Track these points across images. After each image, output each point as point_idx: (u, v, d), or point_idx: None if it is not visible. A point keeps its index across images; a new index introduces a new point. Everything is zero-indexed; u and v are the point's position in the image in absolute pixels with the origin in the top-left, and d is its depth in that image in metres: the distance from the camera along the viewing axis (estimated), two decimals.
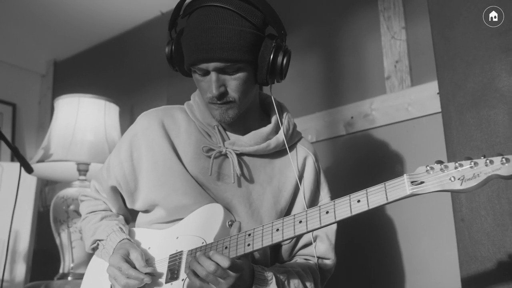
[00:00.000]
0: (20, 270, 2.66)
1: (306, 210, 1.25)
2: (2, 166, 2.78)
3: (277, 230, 1.27)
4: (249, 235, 1.31)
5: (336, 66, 2.48)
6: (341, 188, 1.33)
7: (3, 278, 2.21)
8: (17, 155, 2.10)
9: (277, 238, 1.27)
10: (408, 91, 2.20)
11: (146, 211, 1.59)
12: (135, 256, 1.42)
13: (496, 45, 1.88)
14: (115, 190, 1.62)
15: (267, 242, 1.27)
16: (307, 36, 2.60)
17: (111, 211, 1.66)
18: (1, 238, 2.61)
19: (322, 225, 1.22)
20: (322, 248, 1.56)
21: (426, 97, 2.14)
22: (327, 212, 1.21)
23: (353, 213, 1.18)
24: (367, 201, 1.17)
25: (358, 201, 1.18)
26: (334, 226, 1.59)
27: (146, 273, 1.38)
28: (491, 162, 1.08)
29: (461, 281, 1.81)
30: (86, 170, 2.48)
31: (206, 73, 1.42)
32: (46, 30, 3.58)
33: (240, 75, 1.42)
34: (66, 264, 2.42)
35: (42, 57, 3.94)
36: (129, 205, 1.62)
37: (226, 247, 1.33)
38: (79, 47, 3.77)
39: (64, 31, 3.57)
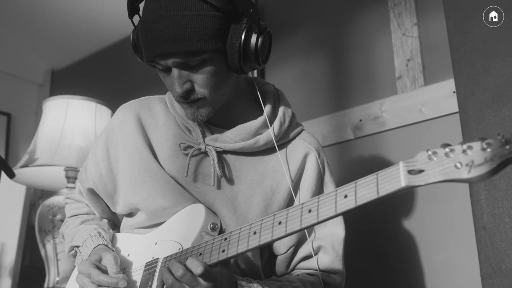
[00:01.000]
0: (5, 285, 2.50)
1: (288, 209, 1.04)
2: None
3: (255, 233, 1.07)
4: (225, 239, 1.12)
5: (344, 67, 2.33)
6: None
7: None
8: None
9: (253, 243, 1.06)
10: (421, 91, 2.03)
11: (129, 215, 1.42)
12: (107, 260, 1.23)
13: None
14: (93, 193, 1.45)
15: (243, 247, 1.07)
16: (312, 35, 2.46)
17: (94, 214, 1.49)
18: None
19: (303, 226, 1.00)
20: (327, 261, 1.37)
21: (441, 97, 1.97)
22: (309, 211, 1.00)
23: (338, 211, 0.97)
24: (355, 196, 0.95)
25: (345, 196, 0.97)
26: (341, 234, 1.39)
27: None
28: (508, 141, 0.83)
29: None
30: (75, 177, 2.32)
31: (167, 69, 1.24)
32: (43, 39, 3.48)
33: (206, 68, 1.22)
34: (51, 278, 2.25)
35: (39, 66, 3.83)
36: (112, 209, 1.45)
37: (200, 254, 1.14)
38: (77, 55, 3.66)
39: (62, 40, 3.47)
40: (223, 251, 1.09)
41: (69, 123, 2.29)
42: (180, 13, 1.16)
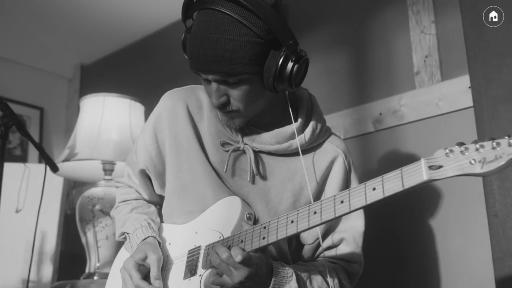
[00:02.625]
0: (47, 271, 2.66)
1: (321, 201, 1.19)
2: (29, 168, 2.80)
3: (292, 222, 1.22)
4: (264, 228, 1.26)
5: (364, 62, 2.45)
6: None
7: (29, 278, 2.21)
8: (43, 154, 2.10)
9: (291, 230, 1.21)
10: (438, 86, 2.15)
11: (168, 200, 1.56)
12: (151, 261, 1.38)
13: None
14: (144, 174, 1.60)
15: (282, 234, 1.22)
16: (334, 32, 2.58)
17: (143, 199, 1.64)
18: (29, 239, 2.62)
19: (337, 215, 1.15)
20: (347, 250, 1.51)
21: (457, 92, 2.09)
22: (341, 202, 1.15)
23: (368, 202, 1.11)
24: (383, 189, 1.10)
25: (374, 189, 1.11)
26: (361, 228, 1.53)
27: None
28: None
29: (495, 280, 1.76)
30: (112, 170, 2.48)
31: (207, 81, 1.37)
32: (72, 35, 3.64)
33: (243, 86, 1.34)
34: (92, 264, 2.42)
35: (69, 61, 3.99)
36: (158, 191, 1.60)
37: (242, 241, 1.29)
38: (105, 51, 3.81)
39: (90, 35, 3.62)
40: (264, 238, 1.24)
41: (106, 119, 2.44)
42: (224, 37, 1.28)
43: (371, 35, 2.44)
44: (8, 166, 2.10)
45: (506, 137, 1.01)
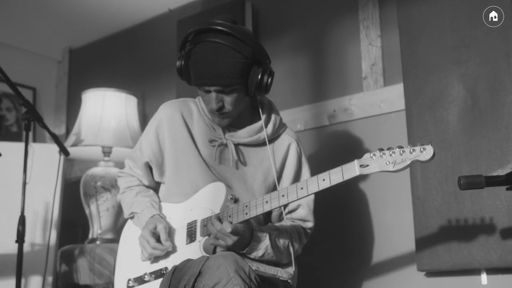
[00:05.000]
0: (53, 236, 3.09)
1: (287, 188, 1.71)
2: (33, 148, 3.18)
3: (267, 202, 1.74)
4: (246, 206, 1.78)
5: (322, 66, 2.87)
6: (324, 169, 1.71)
7: (49, 244, 2.60)
8: (57, 141, 2.53)
9: (266, 208, 1.74)
10: (381, 90, 2.59)
11: (167, 185, 2.03)
12: (160, 228, 1.87)
13: (450, 58, 2.29)
14: (147, 166, 2.07)
15: (260, 211, 1.75)
16: (298, 39, 2.99)
17: (143, 185, 2.10)
18: (35, 208, 3.04)
19: (299, 197, 1.69)
20: (303, 213, 2.02)
21: (395, 96, 2.53)
22: (301, 188, 1.68)
23: (320, 189, 1.64)
24: (330, 180, 1.62)
25: (324, 179, 1.64)
26: (312, 196, 2.02)
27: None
28: (414, 150, 1.53)
29: (415, 244, 2.26)
30: (110, 153, 2.94)
31: (208, 91, 1.87)
32: (62, 20, 3.85)
33: (234, 94, 1.86)
34: (95, 231, 2.89)
35: (59, 44, 4.25)
36: (157, 178, 2.07)
37: (230, 216, 1.79)
38: (93, 36, 4.07)
39: (79, 21, 3.84)
40: (246, 213, 1.76)
41: (106, 110, 2.88)
42: (223, 60, 1.79)
43: (329, 44, 2.86)
44: (16, 146, 2.53)
45: (409, 146, 1.55)
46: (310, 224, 2.04)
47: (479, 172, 2.11)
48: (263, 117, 2.00)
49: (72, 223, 3.43)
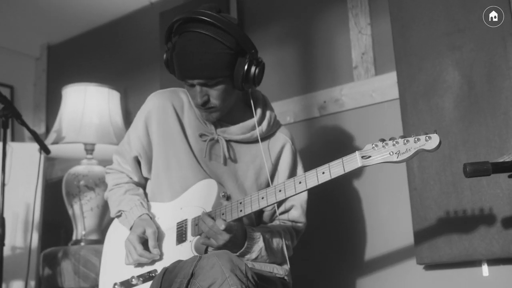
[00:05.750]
0: (34, 238, 2.98)
1: (284, 182, 1.62)
2: (12, 147, 3.07)
3: (262, 198, 1.65)
4: (240, 203, 1.68)
5: (311, 56, 2.81)
6: (315, 162, 1.68)
7: (30, 246, 2.50)
8: (37, 139, 2.42)
9: (263, 204, 1.64)
10: (372, 80, 2.54)
11: (154, 181, 1.93)
12: (149, 234, 1.77)
13: (444, 44, 2.23)
14: (136, 160, 1.97)
15: (255, 207, 1.65)
16: (285, 29, 2.92)
17: (132, 182, 2.00)
18: (15, 210, 2.93)
19: (297, 192, 1.59)
20: (296, 214, 1.95)
21: (387, 85, 2.48)
22: (300, 182, 1.59)
23: (320, 182, 1.56)
24: (330, 172, 1.54)
25: (323, 172, 1.55)
26: (306, 197, 1.96)
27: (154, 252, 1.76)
28: (419, 139, 1.46)
29: (414, 237, 2.20)
30: (92, 150, 2.82)
31: (192, 85, 1.77)
32: (39, 15, 3.73)
33: (219, 87, 1.75)
34: (79, 232, 2.78)
35: (36, 41, 4.13)
36: (145, 174, 1.97)
37: (223, 213, 1.70)
38: (72, 32, 3.95)
39: (57, 16, 3.72)
40: (241, 210, 1.66)
41: (88, 106, 2.77)
42: (205, 51, 1.68)
43: (317, 33, 2.80)
44: None
45: (413, 136, 1.48)
46: (301, 226, 1.98)
47: (478, 160, 2.04)
48: (256, 114, 1.91)
49: (54, 224, 3.32)
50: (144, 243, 1.78)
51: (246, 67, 1.74)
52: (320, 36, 2.80)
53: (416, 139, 1.47)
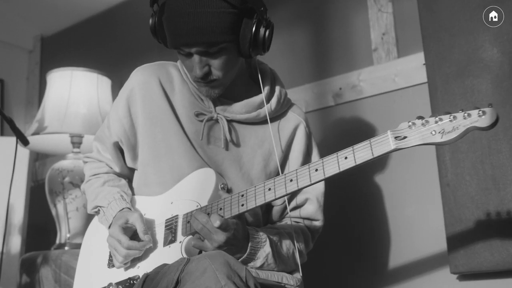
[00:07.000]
0: (16, 243, 2.71)
1: (296, 170, 1.32)
2: None
3: (269, 189, 1.34)
4: (242, 195, 1.38)
5: (324, 39, 2.54)
6: None
7: (3, 251, 2.26)
8: (13, 128, 2.13)
9: (269, 197, 1.34)
10: (394, 63, 2.27)
11: (143, 171, 1.63)
12: (134, 218, 1.47)
13: (479, 17, 1.96)
14: (117, 147, 1.67)
15: (260, 201, 1.35)
16: (295, 9, 2.66)
17: (113, 173, 1.70)
18: None
19: (312, 182, 1.29)
20: (311, 210, 1.65)
21: (412, 68, 2.21)
22: (316, 170, 1.29)
23: (341, 169, 1.26)
24: (354, 158, 1.24)
25: (346, 157, 1.26)
26: (322, 189, 1.67)
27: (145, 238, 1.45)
28: (469, 115, 1.17)
29: (447, 242, 1.92)
30: (80, 143, 2.53)
31: (189, 54, 1.47)
32: (32, 6, 3.57)
33: (222, 55, 1.46)
34: (63, 235, 2.48)
35: (29, 32, 3.92)
36: (130, 163, 1.67)
37: (220, 208, 1.40)
38: (66, 22, 3.75)
39: (50, 6, 3.55)
40: (242, 205, 1.36)
41: (74, 93, 2.48)
42: (204, 10, 1.38)
43: (331, 13, 2.53)
44: None
45: (461, 111, 1.19)
46: (318, 224, 1.68)
47: None
48: (264, 89, 1.61)
49: (41, 229, 3.04)
50: (132, 235, 1.49)
51: (254, 29, 1.45)
52: (334, 16, 2.53)
53: (465, 115, 1.17)
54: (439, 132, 1.19)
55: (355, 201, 2.29)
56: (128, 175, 1.72)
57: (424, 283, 2.05)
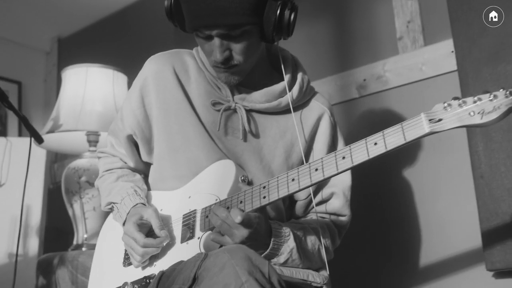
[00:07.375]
0: (33, 245, 2.66)
1: (322, 158, 1.23)
2: (11, 142, 2.76)
3: (293, 180, 1.25)
4: (264, 187, 1.29)
5: (347, 29, 2.45)
6: None
7: (18, 252, 2.20)
8: (27, 125, 2.07)
9: (293, 188, 1.25)
10: (421, 51, 2.17)
11: (158, 165, 1.56)
12: (149, 214, 1.40)
13: None
14: (131, 140, 1.60)
15: (284, 192, 1.26)
16: (316, 0, 2.57)
17: (128, 168, 1.63)
18: (14, 213, 2.61)
19: (339, 170, 1.19)
20: (337, 204, 1.56)
21: (440, 56, 2.11)
22: (343, 158, 1.19)
23: (371, 156, 1.16)
24: (384, 143, 1.15)
25: (375, 143, 1.16)
26: (349, 182, 1.58)
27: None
28: (511, 94, 1.06)
29: (482, 237, 1.81)
30: (96, 141, 2.47)
31: (209, 37, 1.39)
32: (48, 7, 3.54)
33: (244, 39, 1.38)
34: (80, 235, 2.42)
35: (46, 34, 3.91)
36: (145, 157, 1.60)
37: (241, 202, 1.31)
38: (83, 22, 3.74)
39: (67, 7, 3.53)
40: (264, 197, 1.27)
41: (89, 90, 2.42)
42: None
43: (353, 2, 2.45)
44: None
45: (502, 89, 1.08)
46: (345, 220, 1.59)
47: None
48: (286, 76, 1.52)
49: (59, 230, 2.99)
50: (148, 232, 1.42)
51: (279, 11, 1.37)
52: (357, 5, 2.44)
53: (507, 93, 1.06)
54: (478, 113, 1.08)
55: (383, 196, 2.20)
56: (143, 170, 1.64)
57: (458, 282, 1.95)
